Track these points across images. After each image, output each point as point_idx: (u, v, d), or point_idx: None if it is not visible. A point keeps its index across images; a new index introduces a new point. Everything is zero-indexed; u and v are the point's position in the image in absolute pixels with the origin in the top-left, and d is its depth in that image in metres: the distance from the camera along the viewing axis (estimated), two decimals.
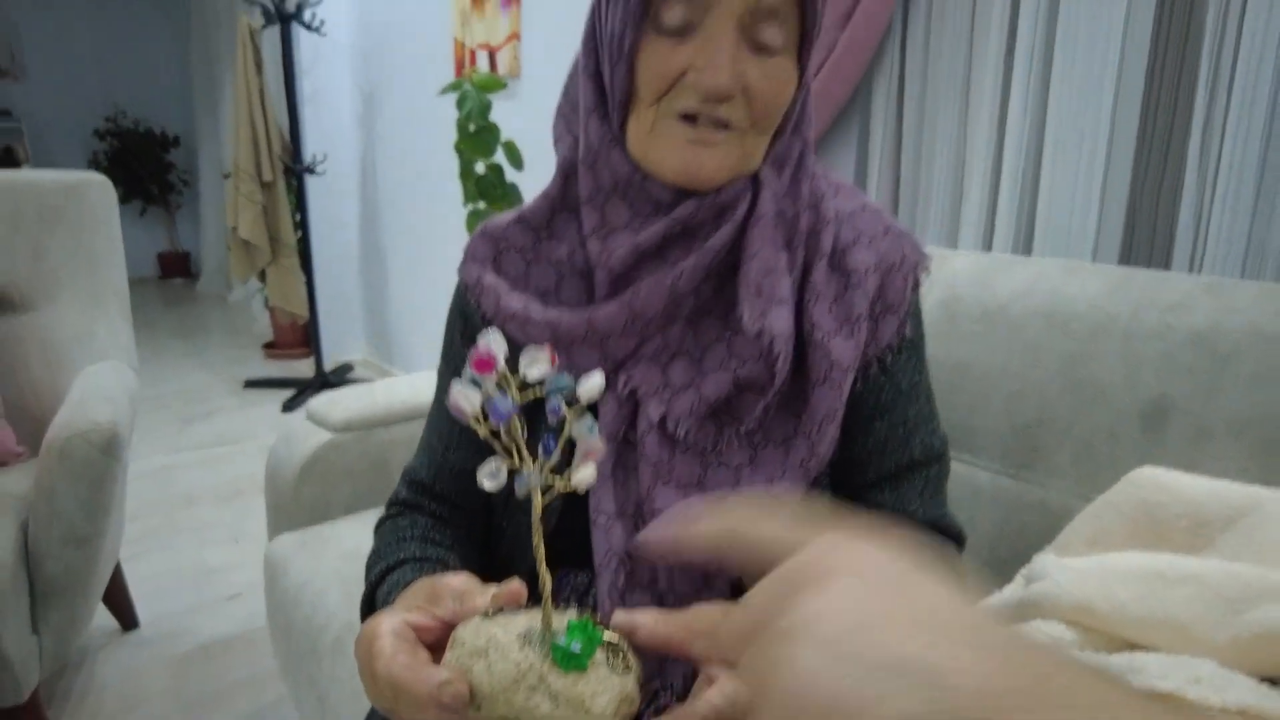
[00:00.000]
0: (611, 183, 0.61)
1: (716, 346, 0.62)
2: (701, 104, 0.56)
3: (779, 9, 0.55)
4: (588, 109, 0.62)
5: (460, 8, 2.65)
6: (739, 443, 0.61)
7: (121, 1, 6.01)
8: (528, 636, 0.36)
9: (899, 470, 0.66)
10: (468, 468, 0.72)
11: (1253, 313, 0.78)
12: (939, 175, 1.39)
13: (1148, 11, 1.13)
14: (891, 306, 0.64)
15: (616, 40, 0.57)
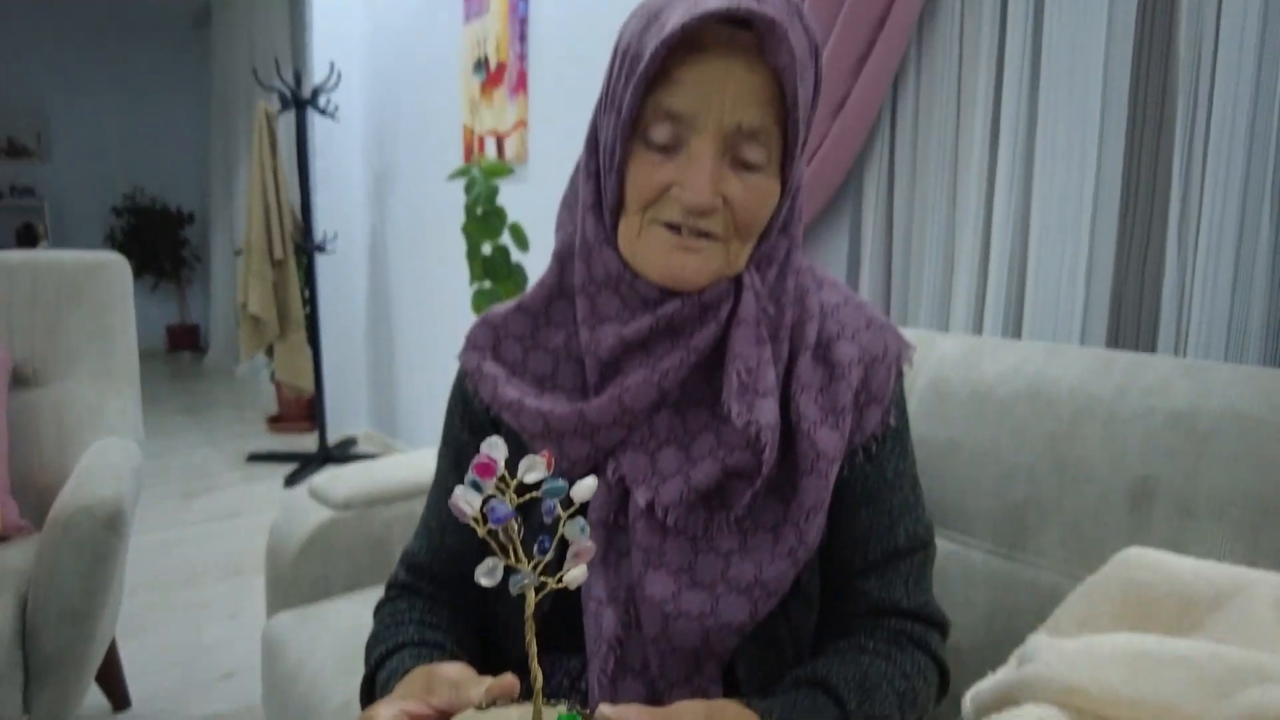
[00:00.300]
0: (604, 276, 0.65)
1: (705, 435, 0.64)
2: (684, 216, 0.60)
3: (760, 131, 0.59)
4: (585, 205, 0.65)
5: (470, 96, 2.76)
6: (729, 529, 0.63)
7: (146, 86, 6.26)
8: None
9: (885, 558, 0.67)
10: (463, 552, 0.74)
11: (1229, 394, 0.81)
12: (929, 260, 1.44)
13: (1121, 103, 1.19)
14: (876, 397, 0.67)
15: (609, 151, 0.61)
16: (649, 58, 0.56)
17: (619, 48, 0.62)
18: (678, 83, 0.58)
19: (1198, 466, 0.80)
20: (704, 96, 0.57)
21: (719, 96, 0.57)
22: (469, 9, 2.73)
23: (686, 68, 0.57)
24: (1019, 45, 1.28)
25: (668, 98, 0.58)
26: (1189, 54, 1.10)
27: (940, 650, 0.68)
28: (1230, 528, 0.77)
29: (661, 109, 0.58)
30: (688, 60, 0.57)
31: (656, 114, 0.59)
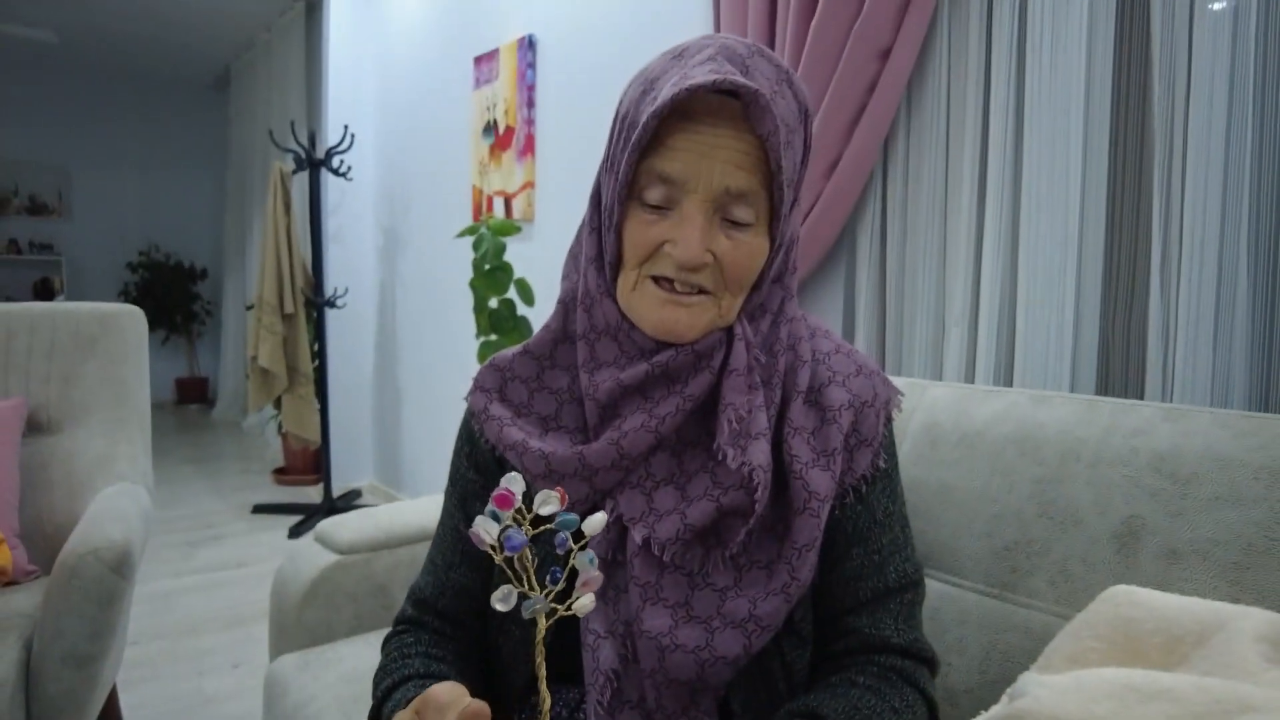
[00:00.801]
0: (604, 325, 0.68)
1: (700, 475, 0.67)
2: (676, 271, 0.64)
3: (747, 193, 0.63)
4: (588, 258, 0.70)
5: (479, 158, 2.85)
6: (724, 566, 0.65)
7: (166, 146, 6.45)
8: None
9: (875, 596, 0.69)
10: (469, 588, 0.77)
11: (1210, 437, 0.83)
12: (921, 313, 1.48)
13: (1102, 160, 1.24)
14: (866, 440, 0.70)
15: (608, 210, 0.66)
16: (642, 127, 0.61)
17: (619, 114, 0.67)
18: (671, 149, 0.62)
19: (1181, 508, 0.82)
20: (694, 162, 0.62)
21: (708, 162, 0.61)
22: (479, 75, 2.84)
23: (678, 135, 0.62)
24: (1003, 108, 1.34)
25: (661, 162, 0.62)
26: (1163, 115, 1.15)
27: (929, 687, 0.70)
28: (1214, 568, 0.79)
29: (655, 172, 0.63)
30: (680, 127, 0.62)
31: (650, 177, 0.63)
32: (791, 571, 0.64)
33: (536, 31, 2.57)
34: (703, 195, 0.62)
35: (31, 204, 5.96)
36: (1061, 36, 1.26)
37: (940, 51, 1.45)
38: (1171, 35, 1.14)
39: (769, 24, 1.62)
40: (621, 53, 2.25)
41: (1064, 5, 1.26)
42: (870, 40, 1.42)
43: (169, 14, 4.74)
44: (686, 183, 0.62)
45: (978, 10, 1.39)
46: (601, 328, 0.69)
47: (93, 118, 6.12)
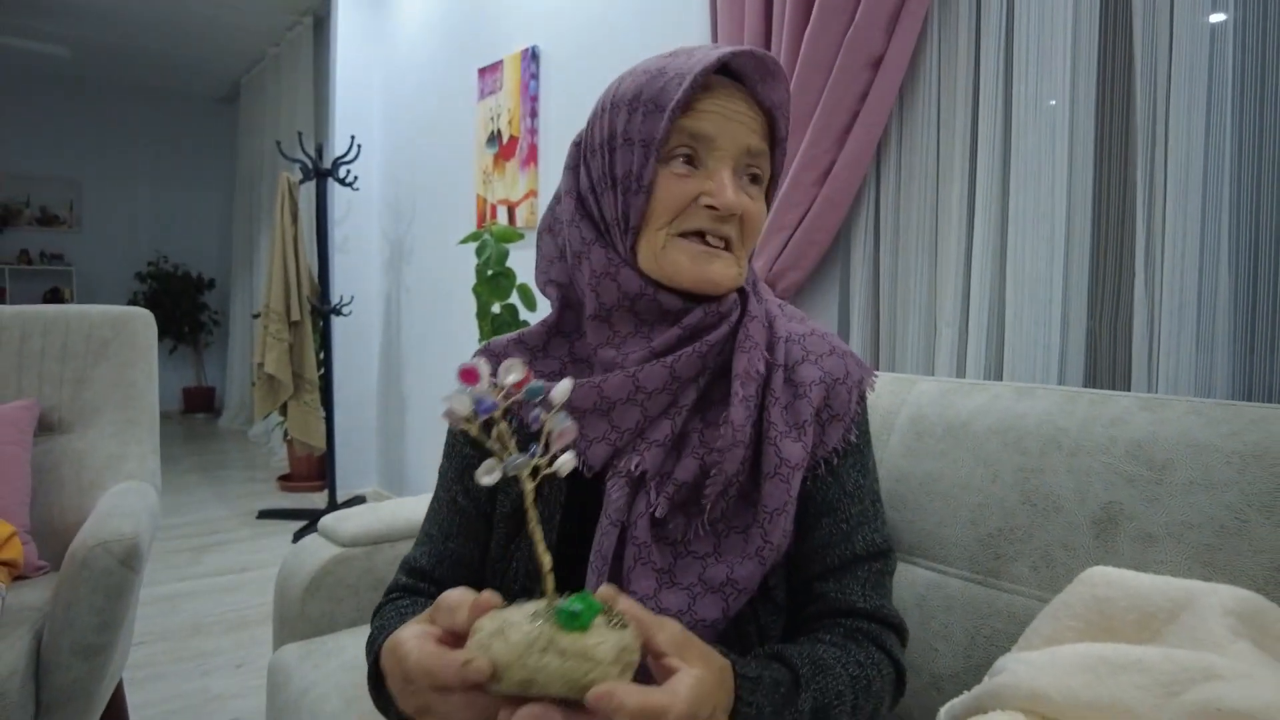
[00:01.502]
0: (618, 298, 0.70)
1: (692, 436, 0.70)
2: (711, 223, 0.68)
3: (761, 155, 0.70)
4: (586, 244, 0.71)
5: (483, 167, 2.90)
6: (704, 531, 0.68)
7: (175, 158, 6.53)
8: (537, 614, 0.43)
9: (843, 563, 0.72)
10: (466, 557, 0.79)
11: (1184, 425, 0.86)
12: (914, 312, 1.51)
13: (1088, 162, 1.27)
14: (837, 415, 0.73)
15: (635, 176, 0.68)
16: (686, 86, 0.65)
17: (620, 99, 0.70)
18: (702, 112, 0.67)
19: (1157, 493, 0.85)
20: (721, 123, 0.67)
21: (733, 124, 0.68)
22: (483, 87, 2.89)
23: (704, 101, 0.68)
24: (991, 114, 1.37)
25: (692, 123, 0.67)
26: (1145, 115, 1.18)
27: (896, 650, 0.72)
28: (1188, 550, 0.82)
29: (686, 132, 0.67)
30: (704, 96, 0.68)
31: (682, 136, 0.68)
32: (764, 535, 0.67)
33: (539, 43, 2.62)
34: (729, 153, 0.68)
35: (42, 215, 6.04)
36: (1047, 44, 1.30)
37: (931, 60, 1.48)
38: (1153, 42, 1.17)
39: (764, 32, 1.66)
40: (623, 65, 2.28)
41: (1049, 15, 1.30)
42: (862, 50, 1.46)
43: (180, 30, 4.83)
44: (715, 139, 0.67)
45: (967, 20, 1.43)
46: (613, 303, 0.71)
47: (104, 131, 6.21)
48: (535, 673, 0.40)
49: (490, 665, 0.41)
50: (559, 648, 0.41)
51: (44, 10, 4.50)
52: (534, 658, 0.41)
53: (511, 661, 0.41)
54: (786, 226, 1.59)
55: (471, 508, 0.78)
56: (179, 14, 4.55)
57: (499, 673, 0.41)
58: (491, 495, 0.78)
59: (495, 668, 0.41)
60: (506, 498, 0.76)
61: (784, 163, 0.74)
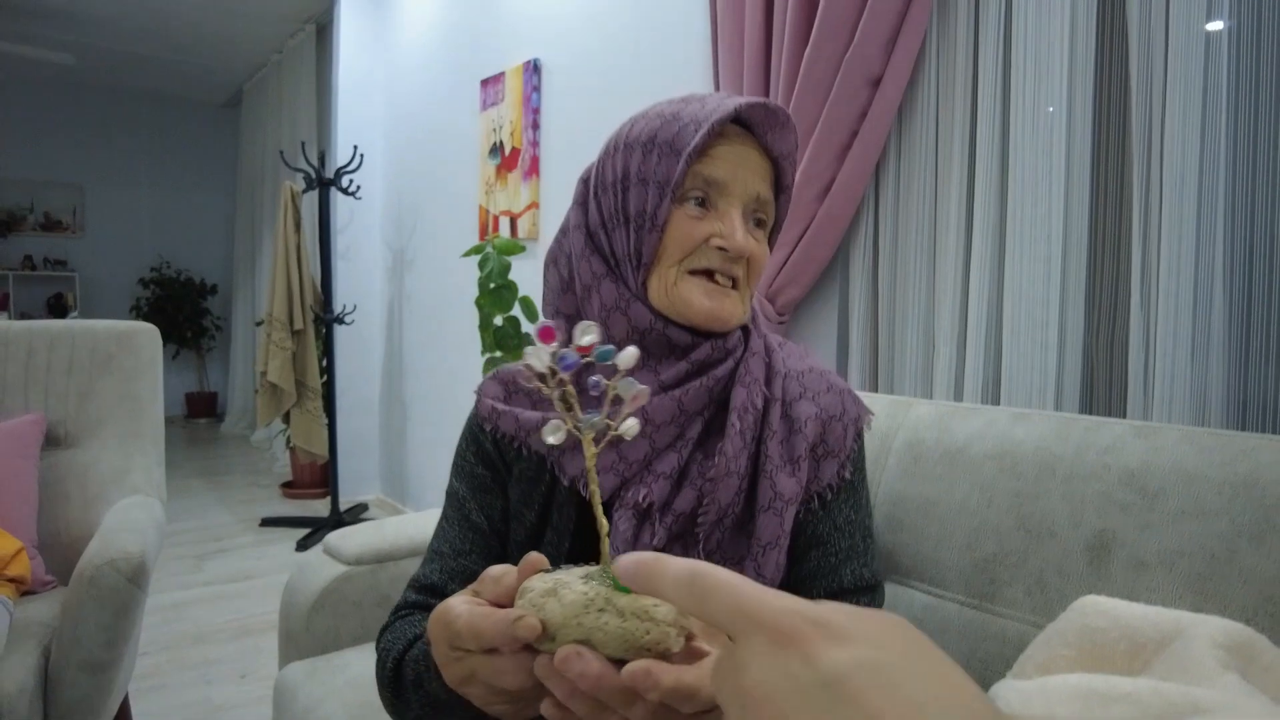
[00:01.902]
0: (628, 332, 0.72)
1: (691, 468, 0.72)
2: (721, 262, 0.71)
3: (767, 202, 0.73)
4: (597, 277, 0.74)
5: (485, 178, 2.92)
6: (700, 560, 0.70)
7: (178, 164, 6.56)
8: (588, 575, 0.42)
9: (829, 596, 0.73)
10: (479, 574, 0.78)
11: (1176, 453, 0.87)
12: (912, 332, 1.52)
13: (1084, 183, 1.28)
14: (832, 451, 0.74)
15: (649, 214, 0.71)
16: (703, 133, 0.69)
17: (634, 141, 0.72)
18: (716, 157, 0.71)
19: (1149, 521, 0.86)
20: (733, 169, 0.71)
21: (744, 170, 0.71)
22: (486, 98, 2.91)
23: (719, 148, 0.71)
24: (989, 134, 1.39)
25: (707, 168, 0.71)
26: (1141, 139, 1.20)
27: None
28: (1180, 578, 0.83)
29: (701, 177, 0.71)
30: (718, 142, 0.71)
31: (695, 181, 0.71)
32: (758, 570, 0.69)
33: (541, 56, 2.64)
34: (740, 197, 0.71)
35: (46, 221, 6.07)
36: (1044, 67, 1.31)
37: (929, 79, 1.50)
38: (1149, 64, 1.19)
39: (764, 51, 1.67)
40: (623, 77, 2.31)
41: (1046, 36, 1.31)
42: (861, 69, 1.48)
43: (183, 37, 4.85)
44: (727, 184, 0.71)
45: (964, 40, 1.44)
46: (623, 335, 0.73)
47: (108, 137, 6.24)
48: (591, 632, 0.39)
49: (541, 624, 0.40)
50: (617, 607, 0.39)
51: (49, 17, 4.52)
52: (590, 617, 0.39)
53: (566, 620, 0.39)
54: (786, 243, 1.60)
55: (485, 525, 0.79)
56: (182, 21, 4.57)
57: (551, 631, 0.40)
58: (505, 516, 0.79)
59: (547, 626, 0.40)
60: (520, 525, 0.77)
61: (788, 208, 0.78)
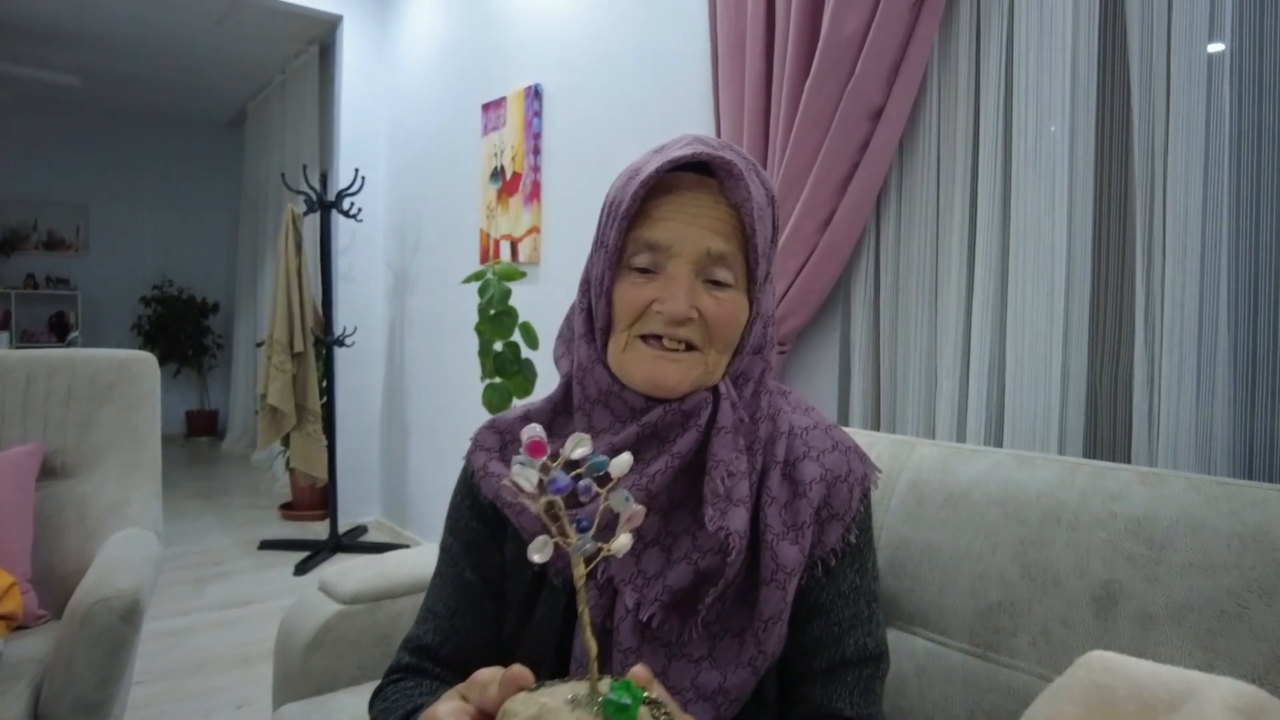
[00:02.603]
0: (596, 393, 0.72)
1: (684, 538, 0.70)
2: (665, 327, 0.69)
3: (726, 255, 0.69)
4: (579, 335, 0.74)
5: (487, 203, 2.92)
6: (699, 635, 0.68)
7: (181, 185, 6.58)
8: (575, 700, 0.40)
9: (831, 667, 0.71)
10: (474, 634, 0.77)
11: (1184, 502, 0.86)
12: (914, 360, 1.51)
13: (1087, 222, 1.27)
14: (837, 514, 0.72)
15: (599, 279, 0.71)
16: (630, 198, 0.67)
17: (607, 200, 0.72)
18: (656, 219, 0.68)
19: (1157, 573, 0.84)
20: (678, 229, 0.68)
21: (691, 229, 0.68)
22: (487, 122, 2.91)
23: (663, 207, 0.68)
24: (991, 167, 1.38)
25: (648, 232, 0.68)
26: (1144, 173, 1.19)
27: None
28: (1188, 633, 0.81)
29: (643, 241, 0.69)
30: (664, 201, 0.69)
31: (638, 246, 0.69)
32: (759, 644, 0.66)
33: (543, 81, 2.64)
34: (687, 258, 0.68)
35: (50, 239, 6.08)
36: (1046, 101, 1.31)
37: (931, 111, 1.49)
38: (1150, 102, 1.18)
39: (765, 82, 1.67)
40: (624, 104, 2.31)
41: (1048, 70, 1.31)
42: (863, 101, 1.47)
43: (187, 58, 4.87)
44: (671, 247, 0.68)
45: (966, 73, 1.44)
46: (594, 397, 0.72)
47: (112, 157, 6.26)
48: None
49: None
50: None
51: (55, 40, 4.55)
52: None
53: None
54: (787, 274, 1.59)
55: (480, 584, 0.77)
56: (187, 42, 4.60)
57: None
58: (501, 574, 0.78)
59: None
60: (518, 585, 0.76)
61: (768, 255, 0.73)
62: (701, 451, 0.71)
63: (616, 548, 0.43)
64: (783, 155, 1.59)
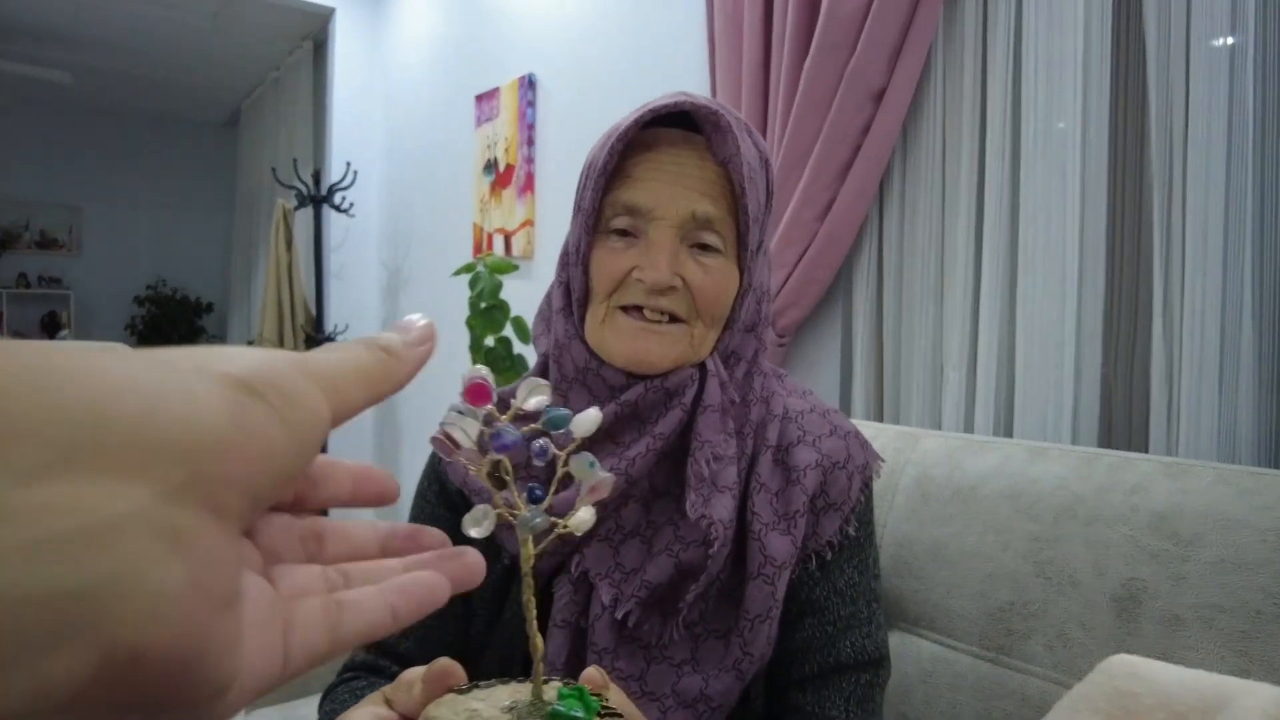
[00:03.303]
0: (574, 371, 0.66)
1: (666, 529, 0.63)
2: (646, 297, 0.62)
3: (713, 219, 0.62)
4: (556, 310, 0.68)
5: (480, 195, 2.86)
6: (681, 635, 0.61)
7: (175, 182, 6.53)
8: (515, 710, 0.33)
9: (824, 671, 0.64)
10: (433, 628, 0.71)
11: (1211, 495, 0.79)
12: (919, 352, 1.45)
13: (1101, 201, 1.21)
14: (834, 504, 0.66)
15: (574, 247, 0.64)
16: (606, 155, 0.61)
17: (585, 161, 0.65)
18: (635, 179, 0.62)
19: (1183, 571, 0.78)
20: (659, 190, 0.62)
21: (673, 190, 0.62)
22: (480, 113, 2.86)
23: (643, 166, 0.62)
24: (999, 149, 1.32)
25: (626, 193, 0.62)
26: (1161, 154, 1.13)
27: None
28: (1219, 636, 0.75)
29: (621, 203, 0.63)
30: (644, 159, 0.62)
31: (616, 208, 0.63)
32: (744, 645, 0.60)
33: (536, 71, 2.59)
34: (670, 222, 0.62)
35: (42, 239, 6.02)
36: (1056, 79, 1.25)
37: (935, 92, 1.43)
38: (1168, 75, 1.12)
39: (763, 62, 1.61)
40: (620, 93, 2.25)
41: (1058, 48, 1.25)
42: (864, 82, 1.41)
43: (181, 55, 4.82)
44: (652, 210, 0.62)
45: (972, 52, 1.38)
46: (571, 375, 0.67)
47: (105, 155, 6.20)
48: None
49: None
50: None
51: (47, 37, 4.50)
52: None
53: None
54: (786, 264, 1.53)
55: None
56: (180, 40, 4.54)
57: None
58: None
59: None
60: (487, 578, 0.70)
61: (761, 220, 0.66)
62: (686, 434, 0.65)
63: (575, 524, 0.34)
64: (781, 141, 1.53)
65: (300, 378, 0.20)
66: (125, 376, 0.15)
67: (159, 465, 0.15)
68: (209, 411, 0.16)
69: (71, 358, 0.15)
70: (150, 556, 0.15)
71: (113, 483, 0.14)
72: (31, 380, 0.14)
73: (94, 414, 0.14)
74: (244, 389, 0.17)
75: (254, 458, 0.17)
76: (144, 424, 0.15)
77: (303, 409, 0.19)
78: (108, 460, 0.14)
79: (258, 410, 0.18)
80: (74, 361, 0.15)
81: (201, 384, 0.17)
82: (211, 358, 0.18)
